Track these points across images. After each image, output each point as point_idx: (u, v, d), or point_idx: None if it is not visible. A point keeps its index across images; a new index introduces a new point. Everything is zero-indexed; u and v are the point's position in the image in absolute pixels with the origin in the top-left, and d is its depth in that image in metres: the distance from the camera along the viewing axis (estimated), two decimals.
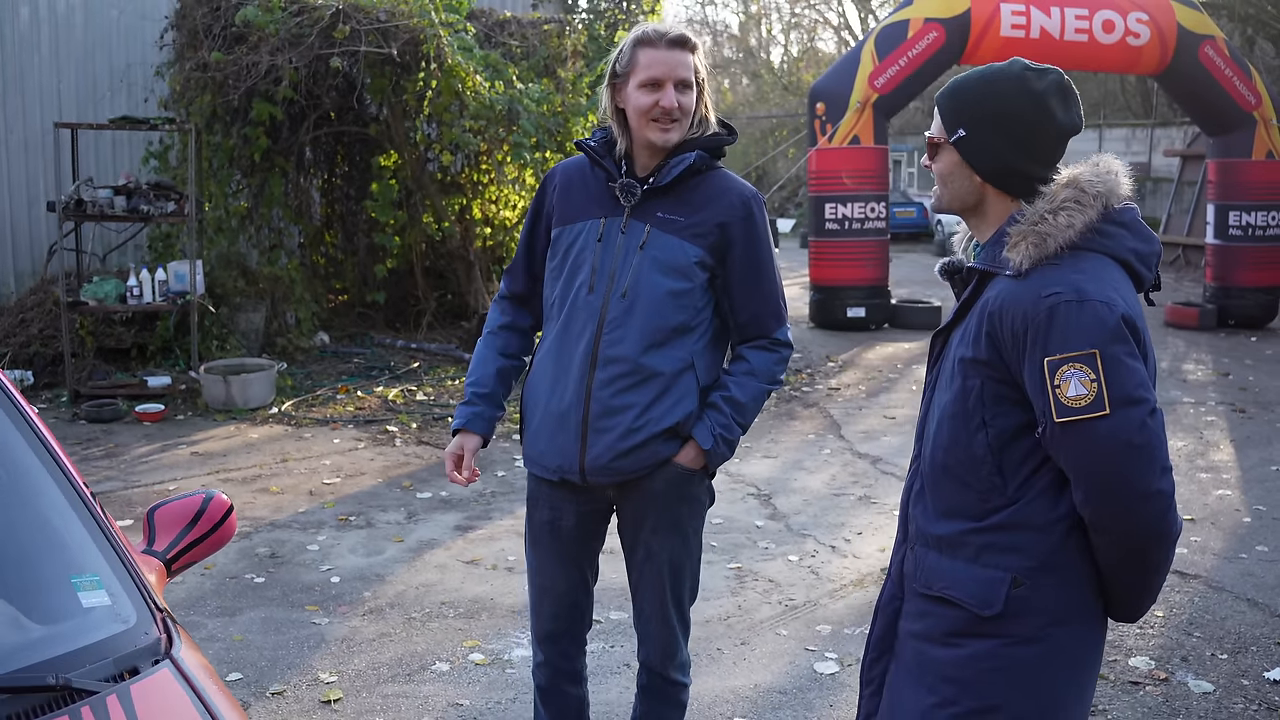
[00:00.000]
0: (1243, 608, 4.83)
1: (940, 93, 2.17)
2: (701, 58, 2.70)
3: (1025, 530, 2.03)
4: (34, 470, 2.13)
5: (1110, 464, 1.92)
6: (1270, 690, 4.08)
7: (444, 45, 9.17)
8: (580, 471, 2.73)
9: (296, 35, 8.91)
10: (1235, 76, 12.85)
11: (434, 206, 11.23)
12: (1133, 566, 2.02)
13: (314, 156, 11.29)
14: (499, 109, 9.77)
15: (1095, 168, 2.07)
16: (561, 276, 2.79)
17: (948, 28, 12.47)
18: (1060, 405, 1.92)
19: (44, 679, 1.75)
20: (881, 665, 2.27)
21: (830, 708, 3.92)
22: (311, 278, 11.14)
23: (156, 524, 2.32)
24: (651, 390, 2.70)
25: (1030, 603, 2.03)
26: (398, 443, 7.64)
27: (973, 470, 2.07)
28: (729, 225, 2.73)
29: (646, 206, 2.73)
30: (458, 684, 4.05)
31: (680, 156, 2.71)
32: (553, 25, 11.69)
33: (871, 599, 4.94)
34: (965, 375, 2.07)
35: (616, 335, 2.69)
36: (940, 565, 2.12)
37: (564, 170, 2.87)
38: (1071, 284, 1.95)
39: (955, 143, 2.10)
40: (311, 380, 9.46)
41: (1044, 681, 2.06)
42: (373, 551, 5.45)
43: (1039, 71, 2.08)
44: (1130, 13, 12.63)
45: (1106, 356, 1.91)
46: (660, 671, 2.95)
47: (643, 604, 2.92)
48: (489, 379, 2.94)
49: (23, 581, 2.01)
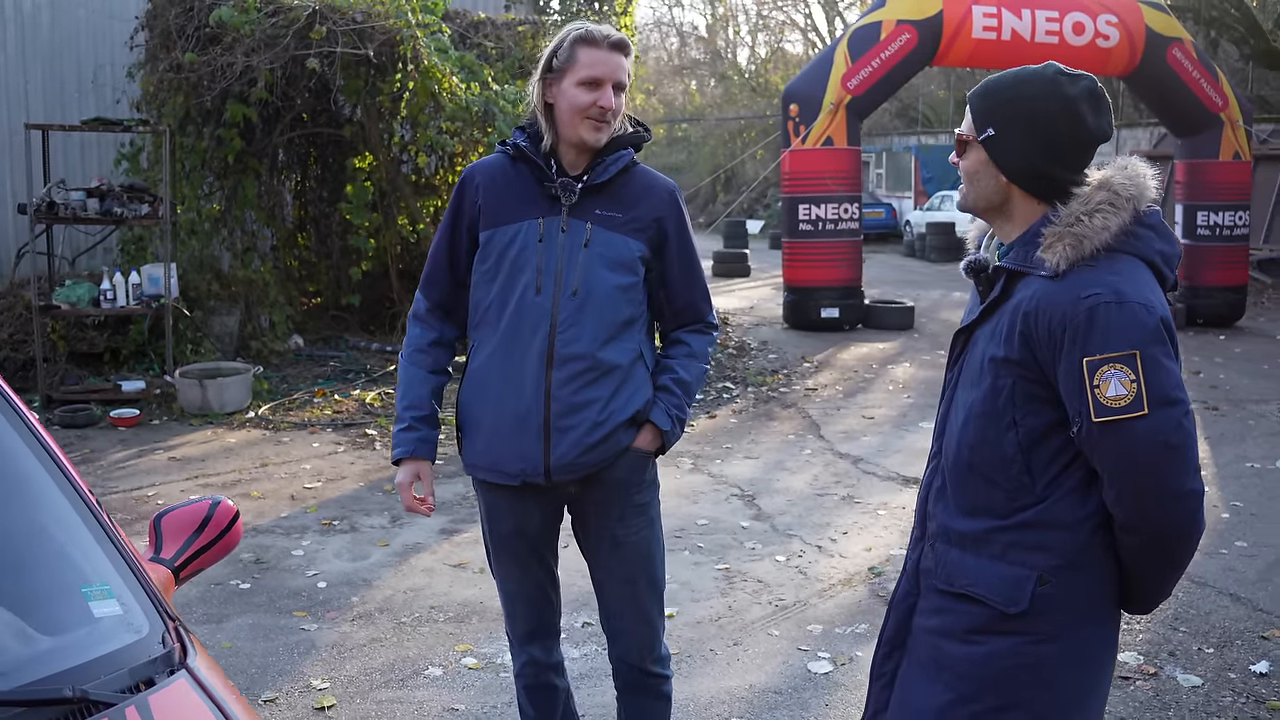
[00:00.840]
0: (1226, 602, 4.88)
1: (973, 91, 2.18)
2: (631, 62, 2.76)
3: (1053, 528, 2.04)
4: (40, 479, 2.10)
5: (1146, 464, 1.94)
6: (1257, 683, 4.13)
7: (420, 46, 9.13)
8: (545, 472, 2.72)
9: (272, 36, 8.85)
10: (1202, 78, 13.01)
11: (408, 208, 11.18)
12: (1159, 564, 2.05)
13: (286, 158, 11.21)
14: (475, 110, 9.74)
15: (1124, 171, 2.08)
16: (498, 279, 2.74)
17: (920, 29, 12.55)
18: (1099, 405, 1.93)
19: (60, 692, 1.71)
20: (894, 661, 2.28)
21: (826, 707, 3.93)
22: (285, 281, 11.06)
23: (163, 531, 2.29)
24: (610, 384, 2.72)
25: (1055, 601, 2.04)
26: (377, 446, 7.60)
27: (1001, 469, 2.08)
28: (664, 219, 2.79)
29: (583, 205, 2.73)
30: (452, 688, 4.03)
31: (616, 154, 2.73)
32: (527, 26, 11.67)
33: (860, 599, 4.96)
34: (996, 375, 2.08)
35: (571, 334, 2.69)
36: (964, 562, 2.12)
37: (484, 171, 2.81)
38: (1110, 286, 1.96)
39: (984, 141, 2.11)
40: (287, 384, 9.39)
41: (1065, 679, 2.07)
42: (358, 556, 5.42)
43: (1072, 77, 2.08)
44: (1100, 15, 12.76)
45: (1146, 357, 1.93)
46: (640, 665, 2.94)
47: (613, 599, 2.91)
48: (424, 400, 2.85)
49: (33, 592, 1.97)
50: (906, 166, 30.67)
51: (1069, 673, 2.07)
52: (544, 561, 2.94)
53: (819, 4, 42.03)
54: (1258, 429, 8.37)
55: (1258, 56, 23.67)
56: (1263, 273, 17.97)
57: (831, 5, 40.94)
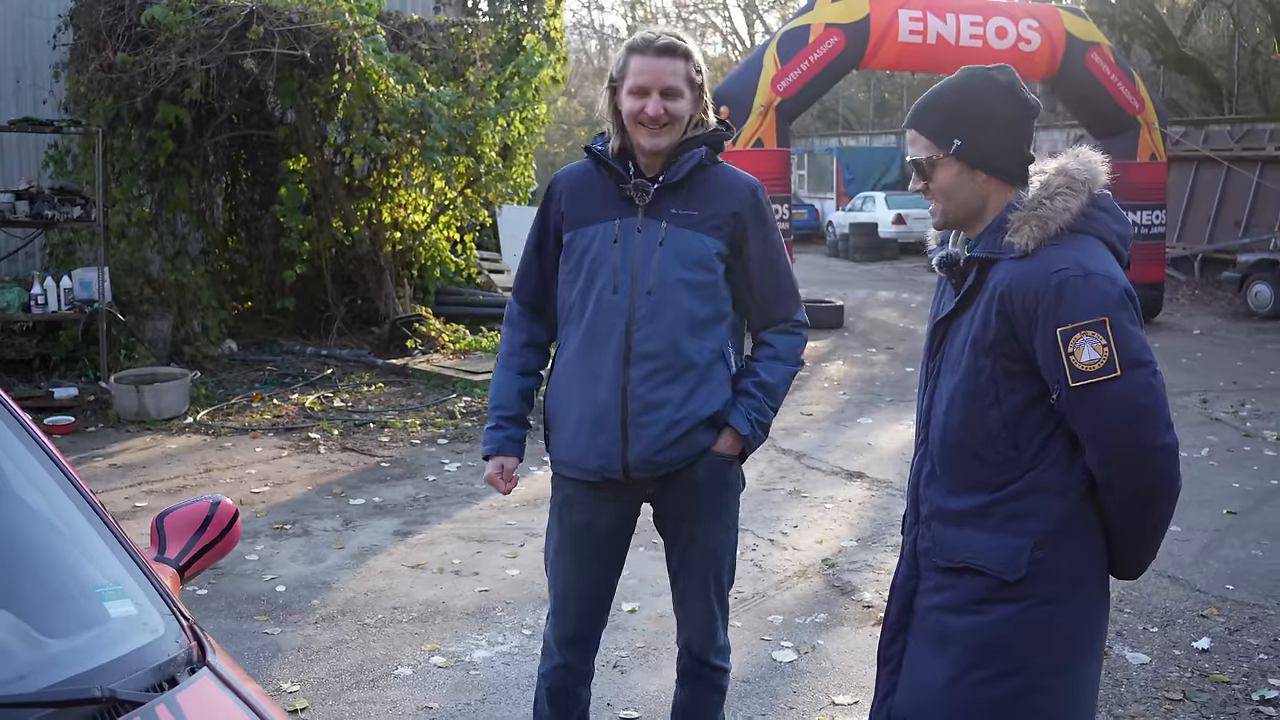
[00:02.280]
0: (1165, 584, 5.08)
1: (915, 119, 2.28)
2: (696, 62, 2.74)
3: (1043, 495, 2.17)
4: (44, 481, 2.10)
5: (1122, 422, 2.08)
6: (1200, 658, 4.32)
7: (358, 48, 9.07)
8: (623, 469, 2.77)
9: (206, 36, 8.72)
10: (1120, 82, 13.40)
11: (343, 211, 11.10)
12: (1141, 521, 2.18)
13: (216, 160, 11.06)
14: (412, 112, 9.70)
15: (1078, 158, 2.24)
16: (579, 279, 2.81)
17: (848, 33, 12.74)
18: (1075, 370, 2.07)
19: (89, 692, 1.71)
20: (899, 644, 2.37)
21: (794, 694, 4.02)
22: (217, 285, 10.91)
23: (166, 531, 2.29)
24: (688, 382, 2.75)
25: (1050, 565, 2.17)
26: (322, 450, 7.55)
27: (988, 444, 2.20)
28: (741, 215, 2.80)
29: (659, 204, 2.78)
30: (423, 687, 4.04)
31: (689, 153, 2.76)
32: (460, 28, 11.64)
33: (816, 589, 5.07)
34: (976, 356, 2.20)
35: (647, 331, 2.73)
36: (961, 537, 2.24)
37: (567, 176, 2.91)
38: (1075, 261, 2.11)
39: (955, 153, 2.22)
40: (224, 389, 9.27)
41: (1064, 640, 2.20)
42: (314, 559, 5.40)
43: (996, 69, 2.26)
44: (1022, 19, 13.08)
45: (1115, 323, 2.06)
46: (700, 656, 3.01)
47: (684, 590, 2.97)
48: (513, 400, 2.97)
49: (48, 593, 1.97)
50: (828, 168, 31.05)
51: (1068, 633, 2.20)
52: (606, 565, 2.96)
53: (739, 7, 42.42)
54: (1181, 420, 8.66)
55: (1169, 61, 24.41)
56: (1177, 270, 18.54)
57: (751, 8, 41.30)
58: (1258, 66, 24.60)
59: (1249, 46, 24.66)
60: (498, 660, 4.28)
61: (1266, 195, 18.93)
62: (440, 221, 12.10)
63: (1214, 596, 4.98)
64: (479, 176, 11.26)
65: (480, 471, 7.02)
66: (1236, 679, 4.15)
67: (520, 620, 4.67)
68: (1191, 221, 20.07)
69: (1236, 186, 19.45)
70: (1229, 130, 20.61)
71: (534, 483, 6.80)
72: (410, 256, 12.01)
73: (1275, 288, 14.90)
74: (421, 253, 12.14)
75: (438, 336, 11.04)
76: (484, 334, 11.38)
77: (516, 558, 5.45)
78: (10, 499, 2.08)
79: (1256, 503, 6.51)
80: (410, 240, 11.83)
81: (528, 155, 12.04)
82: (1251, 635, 4.56)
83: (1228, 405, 9.34)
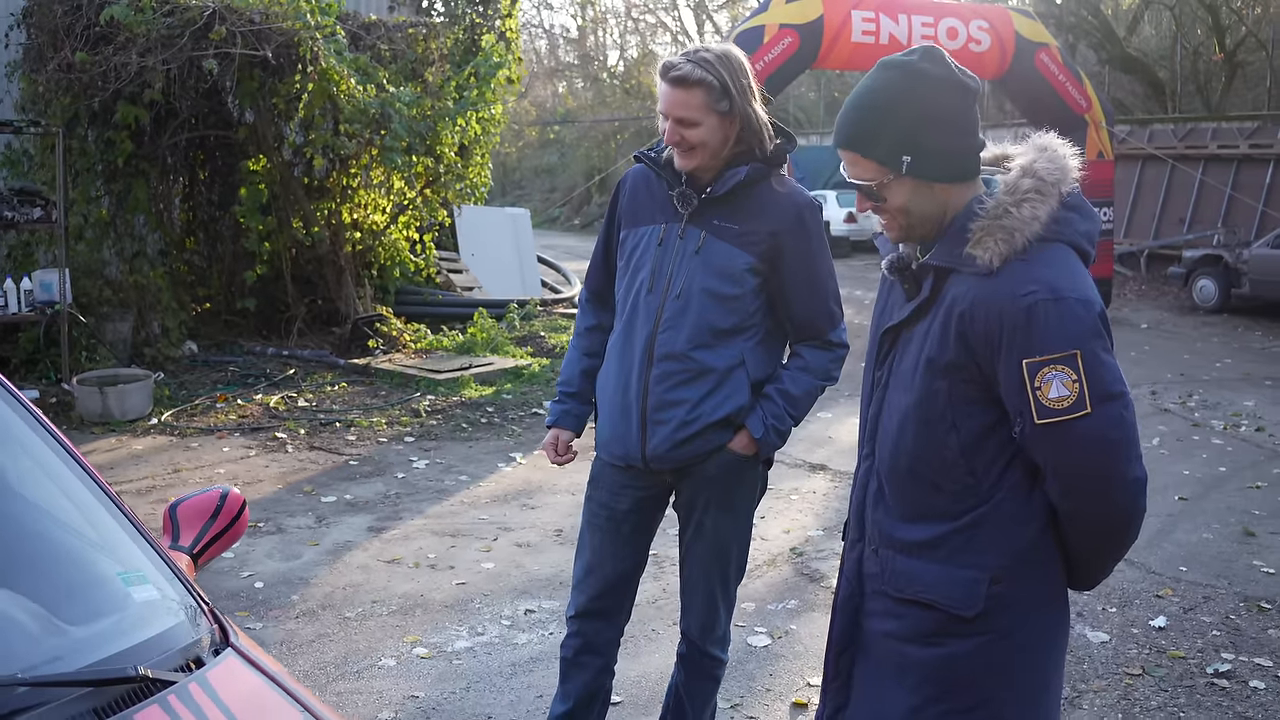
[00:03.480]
0: (1122, 567, 5.25)
1: (850, 139, 2.05)
2: (720, 90, 2.75)
3: (1001, 526, 2.02)
4: (64, 474, 2.16)
5: (1091, 459, 1.92)
6: (1157, 635, 4.51)
7: (319, 48, 9.09)
8: (642, 458, 2.92)
9: (167, 36, 8.70)
10: (1068, 82, 13.68)
11: (302, 211, 11.10)
12: (1104, 550, 2.06)
13: (174, 161, 11.02)
14: (373, 113, 9.74)
15: (1046, 153, 2.03)
16: (626, 276, 2.98)
17: (802, 34, 12.89)
18: (1042, 407, 1.90)
19: (124, 671, 1.78)
20: (847, 658, 2.24)
21: (770, 676, 4.14)
22: (175, 286, 10.87)
23: (180, 519, 2.36)
24: (704, 386, 2.87)
25: (1009, 598, 2.02)
26: (289, 449, 7.58)
27: (945, 473, 2.04)
28: (780, 234, 2.86)
29: (704, 214, 2.88)
30: (407, 677, 4.12)
31: (734, 170, 2.84)
32: (417, 29, 11.67)
33: (786, 577, 5.20)
34: (932, 378, 2.03)
35: (670, 335, 2.86)
36: (912, 569, 2.09)
37: (633, 177, 3.05)
38: (1046, 282, 1.91)
39: (907, 171, 2.01)
40: (186, 390, 9.26)
41: (1025, 669, 2.07)
42: (290, 556, 5.44)
43: (921, 57, 2.02)
44: (972, 20, 13.31)
45: (1087, 355, 1.89)
46: (698, 644, 3.11)
47: (688, 576, 3.09)
48: (576, 378, 3.16)
49: (74, 580, 2.04)
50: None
51: (1030, 662, 2.07)
52: (627, 544, 3.07)
53: (688, 7, 42.59)
54: None
55: (1113, 61, 24.88)
56: (1124, 266, 18.93)
57: (701, 8, 41.49)
58: (1199, 67, 25.16)
59: (1191, 47, 25.21)
60: (479, 650, 4.37)
61: (1209, 192, 19.38)
62: (400, 221, 12.14)
63: (1168, 578, 5.17)
64: (438, 176, 11.32)
65: (449, 469, 7.09)
66: (1192, 654, 4.33)
67: (498, 611, 4.76)
68: (1138, 218, 20.50)
69: (1181, 184, 19.90)
70: (1173, 129, 21.08)
71: (503, 479, 6.89)
72: (370, 256, 12.03)
73: (1219, 282, 15.28)
74: (381, 253, 12.17)
75: (399, 336, 11.07)
76: (445, 333, 11.42)
77: (490, 551, 5.53)
78: (31, 490, 2.15)
79: (1206, 489, 6.73)
80: (370, 240, 11.85)
81: (484, 155, 12.11)
82: (1205, 613, 4.74)
83: (1176, 396, 9.60)
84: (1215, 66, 24.85)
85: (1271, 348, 12.58)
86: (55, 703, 1.68)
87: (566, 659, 3.15)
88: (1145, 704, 3.92)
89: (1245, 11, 24.89)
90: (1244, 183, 19.10)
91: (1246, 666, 4.23)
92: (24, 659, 1.77)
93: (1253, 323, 14.44)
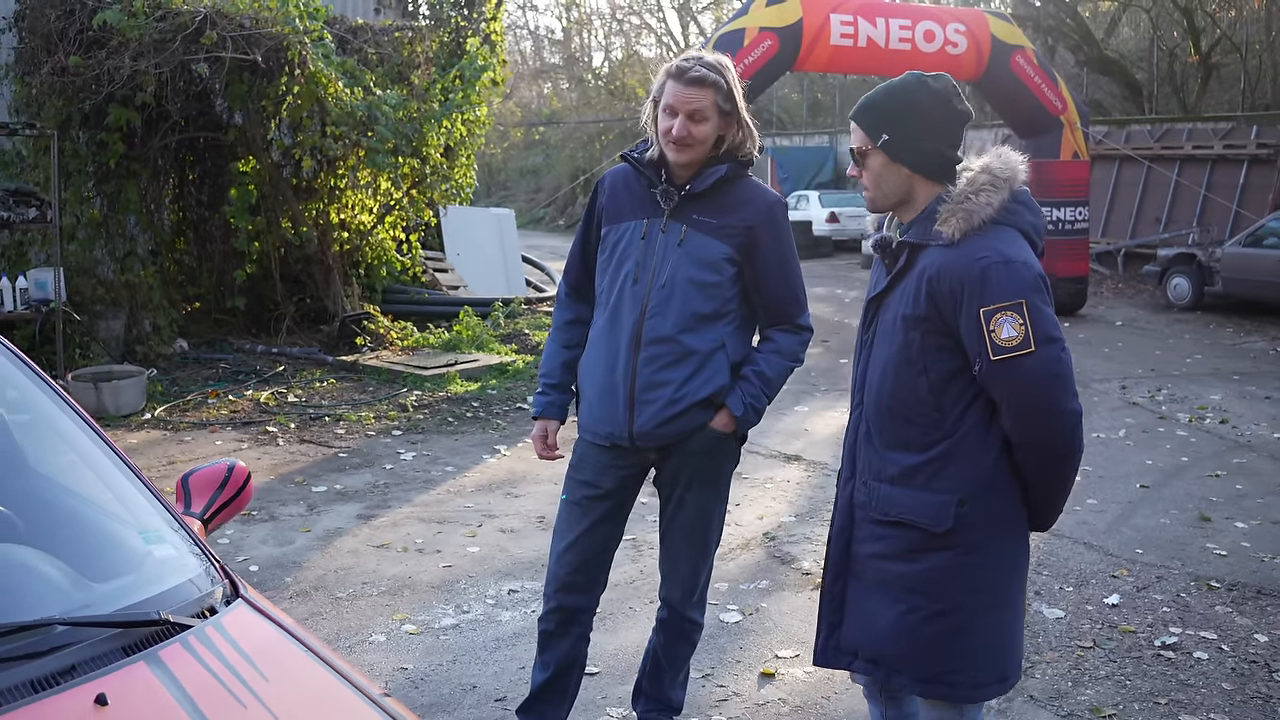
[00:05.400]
0: (1080, 550, 5.51)
1: (856, 111, 2.59)
2: (726, 93, 3.04)
3: (965, 458, 2.49)
4: (87, 446, 2.38)
5: (1036, 390, 2.39)
6: (1110, 612, 4.75)
7: (307, 52, 9.29)
8: (629, 436, 3.14)
9: (159, 40, 8.89)
10: (1044, 83, 13.95)
11: (291, 212, 11.29)
12: (1052, 476, 2.50)
13: (164, 163, 11.20)
14: (360, 115, 9.93)
15: (1000, 158, 2.54)
16: (609, 269, 3.19)
17: (781, 37, 13.14)
18: (995, 345, 2.37)
19: (150, 615, 2.00)
20: (840, 582, 2.70)
21: (741, 649, 4.38)
22: (166, 285, 11.05)
23: (191, 489, 2.58)
24: (688, 367, 3.10)
25: (974, 518, 2.49)
26: (280, 442, 7.78)
27: (917, 409, 2.52)
28: (756, 227, 3.13)
29: (684, 209, 3.12)
30: (397, 651, 4.34)
31: (714, 168, 3.10)
32: (404, 32, 11.88)
33: (759, 559, 5.43)
34: (907, 330, 2.51)
35: (657, 321, 3.09)
36: (894, 495, 2.56)
37: (612, 177, 3.27)
38: (996, 250, 2.42)
39: (882, 146, 2.54)
40: (179, 386, 9.44)
41: (988, 583, 2.53)
42: (283, 542, 5.65)
43: (932, 77, 2.55)
44: (949, 24, 13.58)
45: (1030, 304, 2.38)
46: (679, 609, 3.35)
47: (670, 547, 3.32)
48: (557, 370, 3.36)
49: (101, 537, 2.26)
50: (763, 167, 31.48)
51: (993, 576, 2.53)
52: (608, 521, 3.28)
53: (673, 9, 42.86)
54: (1102, 404, 9.18)
55: (1091, 63, 25.20)
56: (1101, 264, 19.22)
57: (686, 10, 41.75)
58: (1175, 69, 25.52)
59: (1167, 49, 25.56)
60: (465, 626, 4.58)
61: (1184, 192, 19.71)
62: (386, 222, 12.34)
63: (1124, 559, 5.42)
64: (424, 177, 11.51)
65: (435, 460, 7.31)
66: (1142, 629, 4.58)
67: (483, 591, 4.98)
68: (1115, 218, 20.82)
69: (1156, 184, 20.22)
70: (1149, 130, 21.40)
71: (487, 469, 7.11)
72: (357, 256, 12.23)
73: (1193, 280, 15.57)
74: (368, 252, 12.37)
75: (386, 334, 11.27)
76: (431, 331, 11.63)
77: (475, 537, 5.75)
78: (60, 459, 2.37)
79: (1167, 478, 6.99)
80: (357, 240, 12.05)
81: (469, 156, 12.30)
82: (1157, 592, 4.99)
83: (1145, 391, 9.87)
84: (1191, 68, 25.20)
85: (1242, 344, 12.88)
86: (89, 641, 1.89)
87: (547, 631, 3.34)
88: (1094, 673, 4.17)
89: (1220, 14, 25.26)
90: (1218, 183, 19.43)
91: (1192, 639, 4.48)
92: (60, 605, 1.98)
93: (1225, 320, 14.74)
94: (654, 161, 3.16)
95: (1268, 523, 6.06)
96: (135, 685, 1.83)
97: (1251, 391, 9.92)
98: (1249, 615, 4.74)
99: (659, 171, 3.15)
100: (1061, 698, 3.96)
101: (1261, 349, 12.51)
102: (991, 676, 2.57)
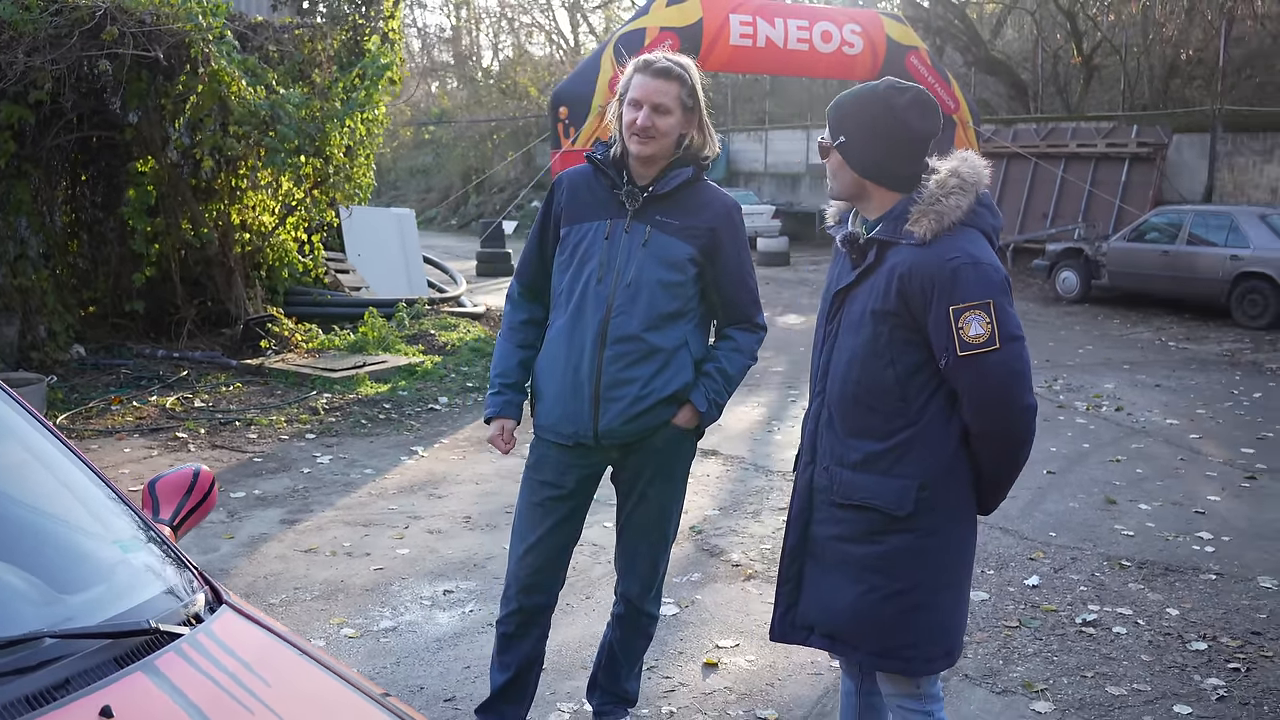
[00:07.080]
0: (998, 534, 5.71)
1: (830, 106, 2.69)
2: (690, 88, 3.11)
3: (927, 446, 2.60)
4: (55, 457, 2.34)
5: (998, 384, 2.52)
6: (1031, 593, 4.95)
7: (210, 50, 9.10)
8: (594, 434, 3.15)
9: (55, 35, 8.62)
10: (937, 83, 14.32)
11: (191, 213, 11.04)
12: (1004, 465, 2.65)
13: (57, 162, 10.85)
14: (263, 114, 9.77)
15: (966, 162, 2.64)
16: (570, 268, 3.19)
17: (682, 36, 13.25)
18: (963, 342, 2.49)
19: (140, 624, 1.98)
20: (797, 564, 2.80)
21: (682, 641, 4.45)
22: (60, 289, 10.71)
23: (159, 495, 2.54)
24: (654, 364, 3.13)
25: (933, 502, 2.60)
26: (191, 448, 7.62)
27: (882, 399, 2.62)
28: (718, 230, 3.18)
29: (647, 210, 3.16)
30: (338, 655, 4.29)
31: (678, 170, 3.15)
32: (304, 29, 11.70)
33: (688, 553, 5.51)
34: (875, 323, 2.60)
35: (622, 319, 3.11)
36: (856, 480, 2.66)
37: (570, 177, 3.28)
38: (966, 251, 2.53)
39: (838, 147, 2.65)
40: (78, 393, 9.17)
41: (944, 563, 2.66)
42: (207, 549, 5.55)
43: (901, 89, 2.62)
44: (845, 24, 13.86)
45: (997, 305, 2.50)
46: (637, 604, 3.39)
47: (628, 542, 3.36)
48: (513, 369, 3.34)
49: (79, 548, 2.22)
50: None
51: (947, 558, 2.66)
52: (568, 521, 3.29)
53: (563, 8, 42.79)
54: None
55: (979, 63, 25.91)
56: None
57: (576, 8, 41.74)
58: (1059, 69, 26.39)
59: (1051, 51, 26.42)
60: (404, 628, 4.57)
61: (1070, 189, 20.41)
62: (288, 222, 12.14)
63: (1040, 542, 5.63)
64: (326, 177, 11.36)
65: (352, 463, 7.24)
66: (1062, 607, 4.77)
67: (418, 593, 4.96)
68: (1003, 214, 21.29)
69: (1043, 181, 20.90)
70: (1035, 128, 22.11)
71: (406, 471, 7.07)
72: (259, 257, 12.01)
73: (1080, 274, 16.14)
74: (270, 253, 12.16)
75: (290, 336, 11.08)
76: (336, 333, 11.47)
77: (404, 538, 5.72)
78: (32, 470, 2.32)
79: (1071, 464, 7.27)
80: (259, 241, 11.84)
81: (369, 156, 12.17)
82: (1073, 572, 5.21)
83: (1042, 380, 10.21)
84: (1074, 69, 26.09)
85: (1129, 334, 13.40)
86: (80, 653, 1.86)
87: (507, 634, 3.35)
88: (1023, 651, 4.34)
89: (1100, 18, 26.19)
90: (1102, 179, 20.17)
91: (1110, 615, 4.69)
92: (43, 619, 1.95)
93: (1112, 311, 15.31)
94: (616, 161, 3.19)
95: (1168, 504, 6.35)
96: (138, 696, 1.81)
97: (1142, 380, 10.35)
98: (1159, 591, 4.98)
99: (621, 172, 3.19)
100: (995, 675, 4.12)
101: (1148, 339, 13.04)
102: (940, 650, 2.70)
